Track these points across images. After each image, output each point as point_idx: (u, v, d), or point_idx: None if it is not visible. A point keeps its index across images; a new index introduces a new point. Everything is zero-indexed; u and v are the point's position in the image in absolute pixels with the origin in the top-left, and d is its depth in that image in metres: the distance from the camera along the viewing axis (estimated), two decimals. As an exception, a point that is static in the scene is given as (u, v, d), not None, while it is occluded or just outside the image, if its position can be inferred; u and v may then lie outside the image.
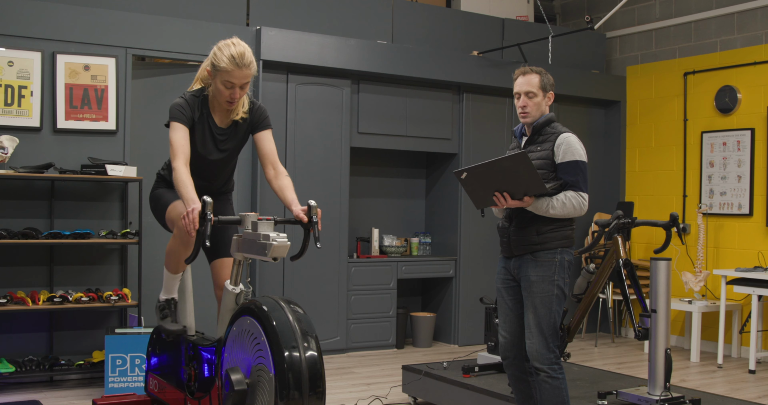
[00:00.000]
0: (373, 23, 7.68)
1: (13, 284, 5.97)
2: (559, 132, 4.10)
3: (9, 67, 5.90)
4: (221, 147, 4.06)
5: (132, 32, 6.34)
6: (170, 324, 4.31)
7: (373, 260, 7.60)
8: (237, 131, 4.08)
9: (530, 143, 4.18)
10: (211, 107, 4.01)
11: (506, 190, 3.93)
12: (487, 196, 3.98)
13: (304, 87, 7.13)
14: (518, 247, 4.09)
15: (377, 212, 8.20)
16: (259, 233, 3.55)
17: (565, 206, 3.96)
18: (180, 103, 3.92)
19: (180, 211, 3.93)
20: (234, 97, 3.86)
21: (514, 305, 4.18)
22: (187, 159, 3.78)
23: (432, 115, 7.86)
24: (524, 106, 4.15)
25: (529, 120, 4.16)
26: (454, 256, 7.96)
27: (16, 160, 5.86)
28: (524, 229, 4.06)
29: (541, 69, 4.21)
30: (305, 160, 7.13)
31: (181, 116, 3.87)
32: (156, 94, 6.64)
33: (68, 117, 6.10)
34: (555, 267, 4.02)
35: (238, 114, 4.02)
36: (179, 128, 3.85)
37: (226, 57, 3.78)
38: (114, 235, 6.07)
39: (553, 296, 4.01)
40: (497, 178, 3.91)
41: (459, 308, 7.91)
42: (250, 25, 7.03)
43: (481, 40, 8.24)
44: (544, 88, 4.16)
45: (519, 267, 4.10)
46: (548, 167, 4.04)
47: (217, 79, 3.84)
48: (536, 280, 4.01)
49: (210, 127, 4.00)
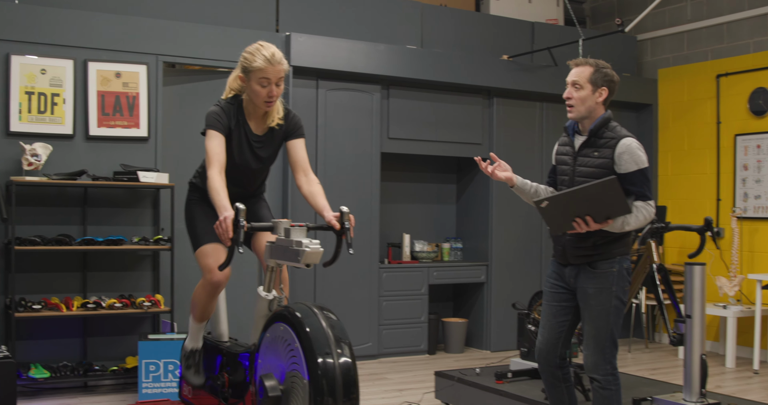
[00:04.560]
0: (402, 28, 7.68)
1: (48, 290, 6.02)
2: (618, 137, 3.88)
3: (42, 75, 5.96)
4: (258, 154, 4.08)
5: (163, 39, 6.39)
6: (194, 376, 4.33)
7: (405, 266, 7.59)
8: (273, 138, 4.10)
9: (586, 147, 3.97)
10: (247, 114, 4.03)
11: (589, 215, 3.75)
12: (566, 222, 3.81)
13: (334, 92, 7.15)
14: (575, 257, 3.96)
15: (408, 218, 8.19)
16: (292, 240, 3.56)
17: (638, 219, 3.81)
18: (216, 111, 3.95)
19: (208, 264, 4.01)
20: (272, 94, 3.87)
21: (557, 311, 4.08)
22: (222, 167, 3.80)
23: (462, 119, 7.85)
24: (568, 98, 3.94)
25: (574, 114, 3.95)
26: (486, 261, 7.94)
27: (50, 167, 5.91)
28: (582, 239, 3.92)
29: (600, 62, 3.99)
30: (336, 165, 7.14)
31: (217, 124, 3.90)
32: (186, 100, 6.68)
33: (100, 124, 6.15)
34: (614, 277, 3.89)
35: (274, 120, 4.04)
36: (215, 136, 3.87)
37: (259, 57, 3.82)
38: (146, 242, 6.11)
39: (611, 308, 3.89)
40: (581, 204, 3.74)
41: (491, 314, 7.88)
42: (280, 31, 7.05)
43: (510, 44, 8.22)
44: (595, 83, 3.91)
45: (576, 277, 3.98)
46: (608, 175, 3.85)
47: (251, 82, 3.87)
48: (594, 293, 3.90)
49: (246, 134, 4.03)
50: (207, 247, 4.06)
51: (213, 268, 3.97)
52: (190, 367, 4.36)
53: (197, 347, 4.34)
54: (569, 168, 4.03)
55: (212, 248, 4.02)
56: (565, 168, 4.06)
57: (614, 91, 3.98)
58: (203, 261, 4.06)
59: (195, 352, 4.33)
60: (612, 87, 3.96)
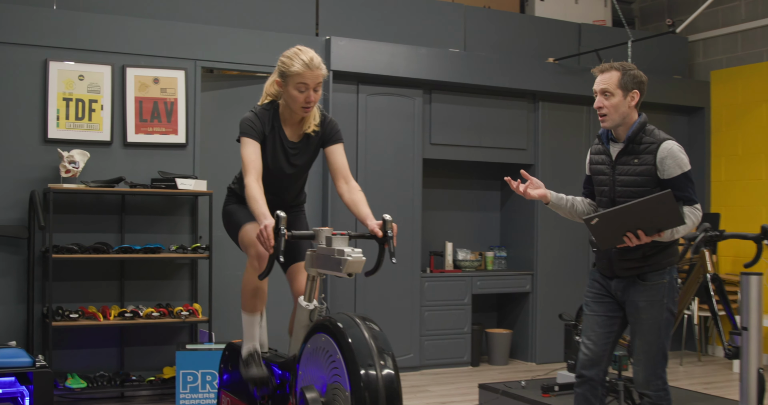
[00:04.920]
0: (444, 31, 7.68)
1: (85, 299, 6.09)
2: (658, 140, 3.83)
3: (80, 81, 6.04)
4: (293, 161, 4.09)
5: (200, 44, 6.44)
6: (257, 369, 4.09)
7: (447, 275, 7.57)
8: (308, 145, 4.10)
9: (625, 154, 3.91)
10: (283, 121, 4.04)
11: (640, 228, 3.69)
12: (616, 237, 3.75)
13: (374, 97, 7.16)
14: (623, 270, 3.90)
15: (451, 225, 8.17)
16: (334, 248, 3.56)
17: (687, 226, 3.76)
18: (250, 118, 3.96)
19: (252, 239, 3.96)
20: (309, 100, 3.88)
21: (603, 321, 4.00)
22: (259, 174, 3.81)
23: (506, 124, 7.82)
24: (599, 108, 3.87)
25: (608, 123, 3.89)
26: (531, 270, 7.89)
27: (87, 174, 5.98)
28: (631, 251, 3.85)
29: (625, 64, 3.92)
30: (377, 172, 7.15)
31: (251, 131, 3.91)
32: (225, 106, 6.72)
33: (138, 130, 6.21)
34: (664, 289, 3.84)
35: (310, 126, 4.04)
36: (250, 143, 3.88)
37: (297, 62, 3.83)
38: (184, 250, 6.15)
39: (662, 321, 3.84)
40: (633, 218, 3.69)
41: (536, 324, 7.83)
42: (320, 35, 7.08)
43: (556, 47, 8.18)
44: (625, 87, 3.85)
45: (624, 290, 3.92)
46: (650, 184, 3.82)
47: (289, 87, 3.88)
48: (645, 306, 3.84)
49: (281, 141, 4.04)
50: (248, 226, 4.04)
51: (256, 242, 3.89)
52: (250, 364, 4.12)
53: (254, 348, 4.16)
54: (608, 178, 3.97)
55: (253, 226, 3.96)
56: (603, 178, 4.00)
57: (644, 92, 3.92)
58: (247, 237, 4.01)
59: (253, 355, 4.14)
60: (642, 88, 3.91)
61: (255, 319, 4.19)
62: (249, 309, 4.18)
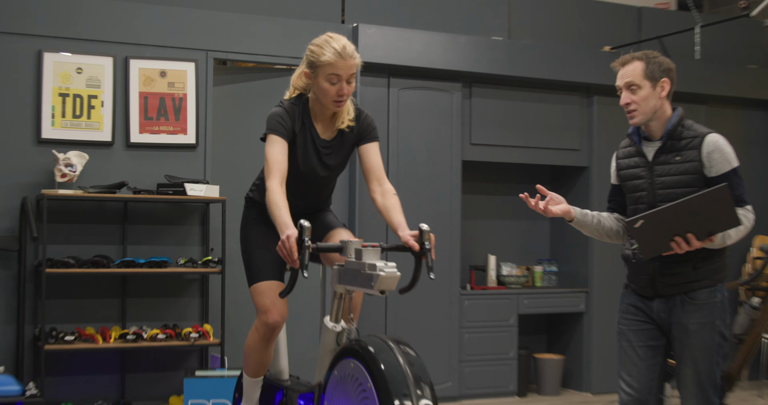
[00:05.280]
0: (486, 17, 7.67)
1: (82, 319, 6.11)
2: (700, 134, 3.81)
3: (77, 74, 6.09)
4: (326, 161, 4.09)
5: (213, 33, 6.47)
6: None
7: (490, 292, 7.55)
8: (342, 143, 4.11)
9: (664, 152, 3.88)
10: (313, 116, 4.05)
11: (690, 232, 3.65)
12: (663, 243, 3.71)
13: (407, 92, 7.17)
14: (667, 287, 3.85)
15: (494, 236, 8.14)
16: (365, 262, 3.53)
17: (739, 231, 3.72)
18: (279, 113, 3.96)
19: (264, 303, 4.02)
20: (342, 92, 3.88)
21: (646, 353, 3.94)
22: (284, 177, 3.82)
23: (557, 122, 7.80)
24: (627, 104, 3.85)
25: (639, 119, 3.86)
26: (586, 287, 7.86)
27: (86, 178, 6.01)
28: (676, 264, 3.81)
29: (648, 52, 3.92)
30: (409, 175, 7.15)
31: (279, 128, 3.91)
32: (240, 102, 6.76)
33: (143, 130, 6.25)
34: (716, 309, 3.80)
35: (344, 122, 4.04)
36: (277, 142, 3.88)
37: (328, 51, 3.83)
38: (194, 264, 6.17)
39: (714, 346, 3.80)
40: (682, 219, 3.64)
41: (592, 349, 7.78)
42: (346, 23, 7.09)
43: (614, 34, 8.15)
44: (652, 77, 3.83)
45: (669, 311, 3.87)
46: (697, 183, 3.78)
47: (319, 78, 3.88)
48: (696, 329, 3.79)
49: (313, 139, 4.04)
50: (263, 285, 4.07)
51: (269, 308, 3.98)
52: None
53: None
54: (645, 182, 3.93)
55: (268, 286, 4.02)
56: (638, 183, 3.96)
57: (675, 81, 3.90)
58: (258, 299, 4.07)
59: None
60: (672, 76, 3.89)
61: (257, 382, 4.27)
62: (251, 373, 4.24)
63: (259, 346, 4.09)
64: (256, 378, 4.24)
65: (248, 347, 4.16)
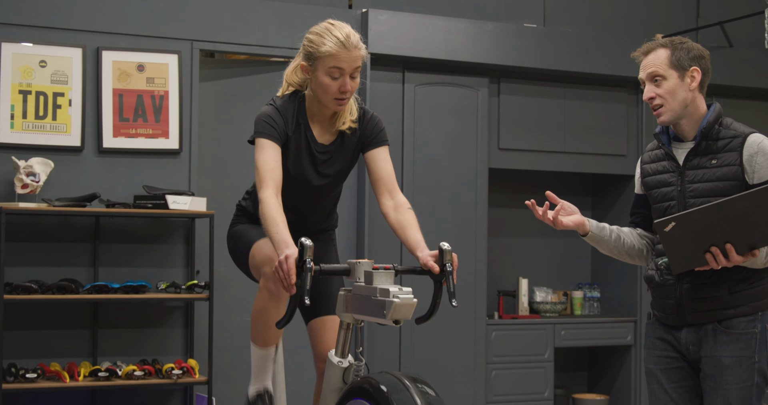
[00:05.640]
0: (517, 1, 7.75)
1: (46, 354, 6.09)
2: (741, 134, 3.75)
3: (41, 67, 6.08)
4: (323, 170, 4.07)
5: (199, 20, 6.48)
6: None
7: (521, 322, 7.54)
8: (343, 147, 4.08)
9: (698, 155, 3.80)
10: (310, 116, 4.04)
11: (729, 242, 3.55)
12: (696, 254, 3.61)
13: (425, 88, 7.15)
14: (698, 314, 3.75)
15: (526, 256, 8.16)
16: (376, 287, 3.51)
17: None
18: (268, 113, 3.94)
19: (267, 253, 3.93)
20: (345, 88, 3.86)
21: (681, 396, 3.85)
22: (279, 187, 3.79)
23: (599, 123, 7.80)
24: (651, 98, 3.79)
25: (667, 116, 3.79)
26: (634, 316, 7.84)
27: (50, 190, 5.99)
28: (709, 287, 3.72)
29: (674, 39, 3.86)
30: (427, 186, 7.13)
31: (269, 130, 3.89)
32: (230, 101, 6.77)
33: (117, 133, 6.24)
34: (755, 342, 3.70)
35: (345, 123, 4.02)
36: (268, 146, 3.86)
37: (329, 40, 3.82)
38: (177, 289, 6.15)
39: (752, 387, 3.71)
40: (720, 225, 3.55)
41: (641, 388, 7.73)
42: (354, 7, 7.15)
43: (666, 19, 8.16)
44: (679, 65, 3.76)
45: (700, 343, 3.78)
46: (736, 190, 3.68)
47: (318, 72, 3.86)
48: (730, 364, 3.70)
49: (308, 143, 4.02)
50: (260, 241, 4.04)
51: (272, 256, 3.88)
52: None
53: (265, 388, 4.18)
54: (674, 189, 3.84)
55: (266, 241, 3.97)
56: (667, 191, 3.87)
57: (709, 70, 3.84)
58: (259, 254, 4.02)
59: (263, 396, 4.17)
60: (704, 65, 3.82)
61: (268, 354, 4.18)
62: (261, 342, 4.14)
63: (269, 305, 4.00)
64: (267, 348, 4.15)
65: (257, 311, 4.08)
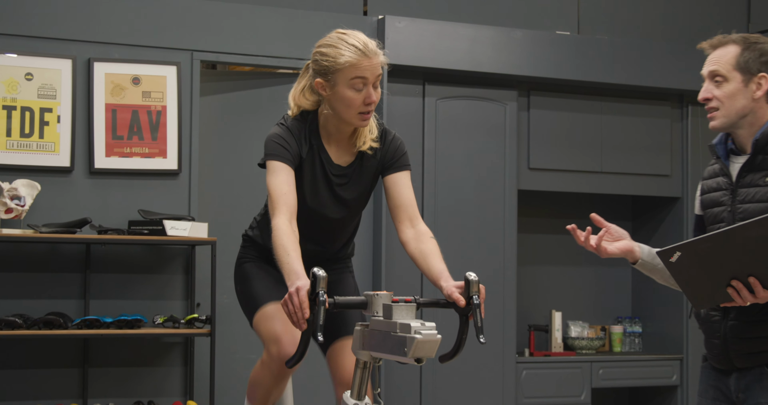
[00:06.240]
0: (549, 7, 7.70)
1: (32, 395, 6.09)
2: None
3: (27, 81, 6.10)
4: (340, 194, 4.07)
5: (199, 29, 6.48)
6: None
7: (555, 359, 7.54)
8: (362, 170, 4.08)
9: (752, 170, 3.64)
10: (325, 137, 4.03)
11: (753, 275, 3.38)
12: (715, 288, 3.47)
13: (447, 102, 7.17)
14: (743, 357, 3.64)
15: (559, 287, 8.15)
16: (395, 322, 3.46)
17: None
18: (279, 134, 3.93)
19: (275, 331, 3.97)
20: (371, 100, 3.85)
21: None
22: (293, 212, 3.78)
23: (640, 140, 7.80)
24: (706, 99, 3.66)
25: (720, 122, 3.66)
26: (680, 353, 7.82)
27: (37, 215, 6.00)
28: (755, 326, 3.59)
29: (751, 35, 3.69)
30: (450, 211, 7.14)
31: (282, 152, 3.88)
32: (233, 117, 6.77)
33: (110, 152, 6.26)
34: None
35: (366, 142, 4.01)
36: (280, 169, 3.85)
37: (346, 49, 3.81)
38: (176, 323, 6.16)
39: None
40: (734, 256, 3.40)
41: (688, 433, 7.73)
42: (369, 14, 7.12)
43: (712, 27, 8.03)
44: (746, 68, 3.58)
45: (747, 389, 3.67)
46: None
47: (339, 86, 3.85)
48: None
49: (323, 166, 4.02)
50: (269, 308, 4.03)
51: (281, 335, 3.91)
52: None
53: None
54: (725, 210, 3.70)
55: (277, 309, 3.94)
56: (717, 211, 3.74)
57: None
58: (265, 327, 4.02)
59: None
60: None
61: None
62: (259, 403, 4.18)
63: (269, 383, 4.04)
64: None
65: (255, 382, 4.10)
